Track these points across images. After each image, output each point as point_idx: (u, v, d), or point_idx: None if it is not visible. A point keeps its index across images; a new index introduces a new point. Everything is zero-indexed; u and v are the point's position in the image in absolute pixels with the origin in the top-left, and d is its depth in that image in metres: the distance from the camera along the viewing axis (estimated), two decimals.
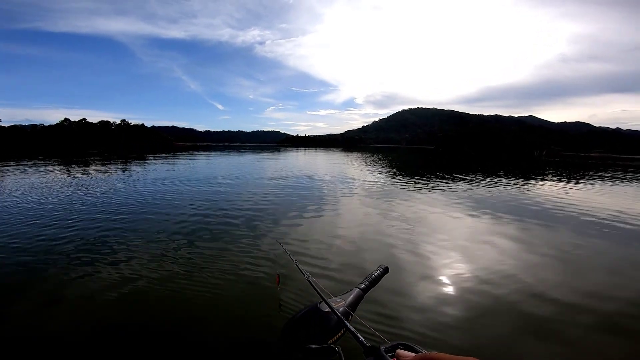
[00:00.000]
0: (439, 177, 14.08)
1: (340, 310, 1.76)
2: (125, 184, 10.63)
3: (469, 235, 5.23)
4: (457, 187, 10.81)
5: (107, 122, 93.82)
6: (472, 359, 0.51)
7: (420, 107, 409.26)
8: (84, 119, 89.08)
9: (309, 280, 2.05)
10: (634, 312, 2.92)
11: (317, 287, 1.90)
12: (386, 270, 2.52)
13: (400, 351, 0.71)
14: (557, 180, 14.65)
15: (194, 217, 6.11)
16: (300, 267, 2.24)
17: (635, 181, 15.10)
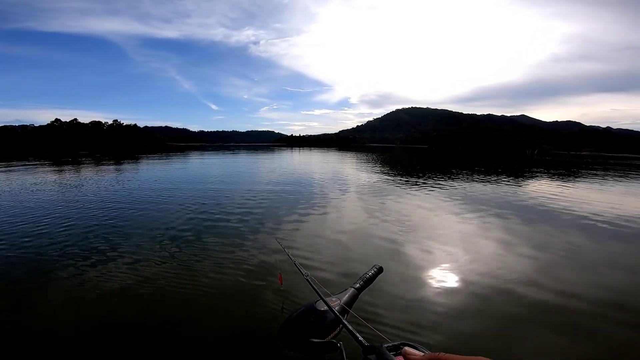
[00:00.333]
0: (433, 177, 14.20)
1: (336, 309, 1.80)
2: (117, 184, 10.49)
3: (462, 233, 5.30)
4: (450, 186, 10.93)
5: (99, 122, 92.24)
6: (482, 359, 0.49)
7: (414, 106, 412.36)
8: (75, 120, 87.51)
9: (307, 279, 2.08)
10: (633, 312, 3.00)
11: (314, 286, 1.93)
12: (380, 270, 2.56)
13: (408, 349, 0.70)
14: (549, 178, 14.91)
15: (191, 216, 6.07)
16: (298, 266, 2.27)
17: (626, 179, 15.43)
